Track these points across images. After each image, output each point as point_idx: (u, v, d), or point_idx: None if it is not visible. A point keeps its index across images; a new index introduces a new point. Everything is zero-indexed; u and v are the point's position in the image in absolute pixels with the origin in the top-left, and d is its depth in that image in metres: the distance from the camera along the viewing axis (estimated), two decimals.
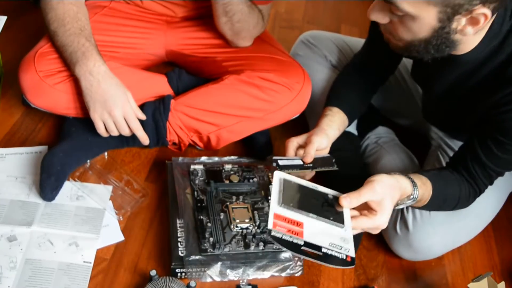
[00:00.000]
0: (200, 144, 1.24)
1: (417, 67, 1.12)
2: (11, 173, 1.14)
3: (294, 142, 1.06)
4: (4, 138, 1.23)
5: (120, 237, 1.07)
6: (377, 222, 0.85)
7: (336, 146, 1.23)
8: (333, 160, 1.06)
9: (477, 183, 0.98)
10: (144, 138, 1.15)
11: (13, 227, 1.04)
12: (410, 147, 1.29)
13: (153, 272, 0.97)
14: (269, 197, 1.02)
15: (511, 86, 0.88)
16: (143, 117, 1.13)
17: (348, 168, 1.20)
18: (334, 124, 1.10)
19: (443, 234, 1.06)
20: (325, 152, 1.09)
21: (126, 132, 1.12)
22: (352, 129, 1.29)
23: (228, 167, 1.19)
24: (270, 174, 1.20)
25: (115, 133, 1.11)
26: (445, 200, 0.99)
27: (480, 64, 0.92)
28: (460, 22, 0.82)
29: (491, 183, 1.00)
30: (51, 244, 1.03)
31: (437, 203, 0.98)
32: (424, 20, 0.82)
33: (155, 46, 1.30)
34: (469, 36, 0.86)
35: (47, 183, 1.07)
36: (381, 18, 0.88)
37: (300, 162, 1.02)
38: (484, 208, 1.03)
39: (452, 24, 0.83)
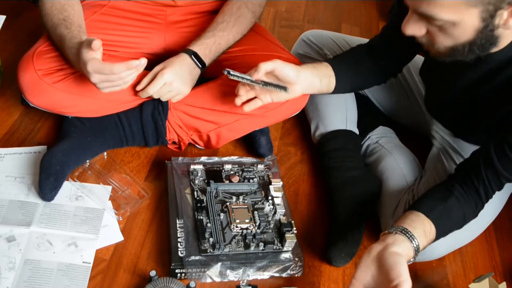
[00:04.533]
0: (200, 142, 1.24)
1: (432, 65, 1.09)
2: (10, 173, 1.14)
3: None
4: (3, 138, 1.22)
5: (120, 238, 1.07)
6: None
7: (337, 145, 1.23)
8: (287, 88, 1.04)
9: (487, 190, 0.95)
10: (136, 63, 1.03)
11: (12, 227, 1.03)
12: (411, 147, 1.28)
13: (152, 273, 0.97)
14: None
15: None
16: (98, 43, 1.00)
17: (349, 168, 1.20)
18: (316, 70, 1.08)
19: None
20: (294, 90, 1.07)
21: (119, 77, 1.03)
22: (354, 128, 1.29)
23: (228, 167, 1.19)
24: (270, 174, 1.19)
25: (110, 83, 1.03)
26: (451, 230, 0.98)
27: (507, 64, 0.89)
28: (503, 16, 0.79)
29: (500, 189, 0.97)
30: (50, 245, 1.02)
31: (443, 235, 0.97)
32: (466, 23, 0.80)
33: (155, 45, 1.30)
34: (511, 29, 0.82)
35: (46, 183, 1.07)
36: (417, 30, 0.86)
37: (250, 77, 1.03)
38: (485, 209, 1.02)
39: (495, 20, 0.80)
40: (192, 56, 1.14)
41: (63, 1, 1.12)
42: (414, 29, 0.86)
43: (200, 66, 1.16)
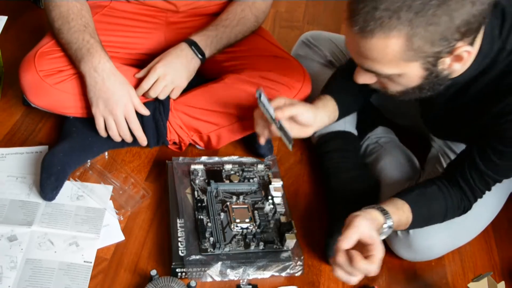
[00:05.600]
0: (201, 143, 1.24)
1: None
2: (11, 173, 1.14)
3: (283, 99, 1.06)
4: (5, 138, 1.23)
5: (121, 237, 1.07)
6: (380, 254, 0.85)
7: (336, 146, 1.23)
8: (292, 140, 1.06)
9: (473, 190, 0.97)
10: (143, 139, 1.16)
11: (13, 227, 1.04)
12: (410, 147, 1.28)
13: (153, 272, 0.97)
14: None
15: (507, 98, 0.87)
16: (146, 112, 1.14)
17: (348, 168, 1.21)
18: (327, 108, 1.10)
19: (443, 235, 1.06)
20: (308, 131, 1.09)
21: (124, 133, 1.12)
22: (352, 129, 1.29)
23: (228, 167, 1.19)
24: (270, 174, 1.20)
25: (114, 132, 1.11)
26: (431, 217, 0.99)
27: (472, 82, 0.92)
28: (445, 62, 0.82)
29: (489, 190, 0.99)
30: (52, 244, 1.03)
31: (422, 222, 0.99)
32: (410, 73, 0.83)
33: (155, 46, 1.30)
34: (459, 69, 0.86)
35: (47, 183, 1.07)
36: (368, 79, 0.90)
37: (273, 113, 1.03)
38: (484, 209, 1.03)
39: (438, 67, 0.83)
40: (192, 46, 1.15)
41: (79, 5, 1.12)
42: (365, 79, 0.90)
43: (200, 56, 1.16)
